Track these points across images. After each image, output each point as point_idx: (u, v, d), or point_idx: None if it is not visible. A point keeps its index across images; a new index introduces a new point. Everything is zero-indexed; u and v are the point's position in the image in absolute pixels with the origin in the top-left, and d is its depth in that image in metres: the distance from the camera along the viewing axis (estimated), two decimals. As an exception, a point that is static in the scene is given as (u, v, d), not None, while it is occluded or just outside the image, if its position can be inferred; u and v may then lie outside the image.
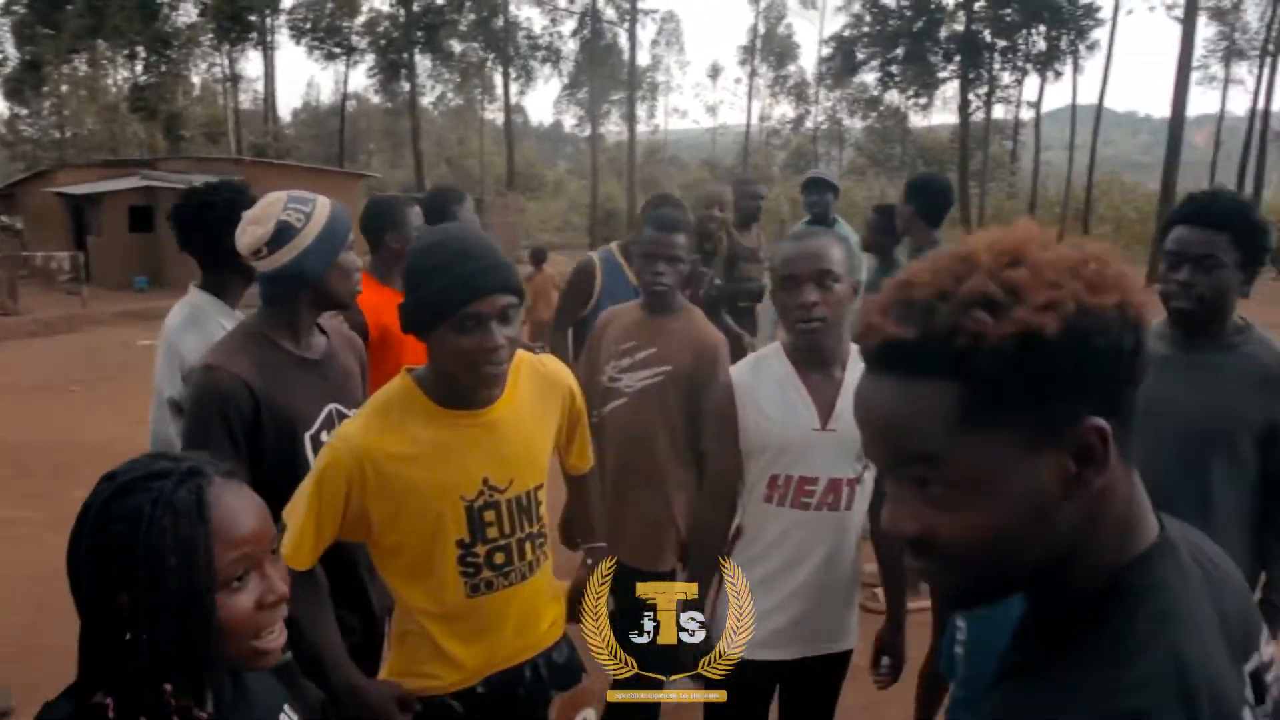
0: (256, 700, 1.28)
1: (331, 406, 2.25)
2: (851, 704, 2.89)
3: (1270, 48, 31.59)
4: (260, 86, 46.74)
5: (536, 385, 2.03)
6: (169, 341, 2.64)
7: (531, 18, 71.90)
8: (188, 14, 38.21)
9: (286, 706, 1.34)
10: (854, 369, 2.27)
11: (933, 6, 35.39)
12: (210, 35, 38.75)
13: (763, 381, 2.28)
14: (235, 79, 43.19)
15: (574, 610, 2.17)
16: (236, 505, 1.14)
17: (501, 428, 1.92)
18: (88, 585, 1.09)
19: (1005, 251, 0.80)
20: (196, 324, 2.62)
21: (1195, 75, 31.69)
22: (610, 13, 41.29)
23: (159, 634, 1.07)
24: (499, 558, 1.93)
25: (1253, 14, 35.15)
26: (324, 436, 2.11)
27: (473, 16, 39.06)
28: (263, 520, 1.17)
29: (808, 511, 2.26)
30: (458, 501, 1.88)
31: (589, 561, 2.34)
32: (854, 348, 2.31)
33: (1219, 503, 2.27)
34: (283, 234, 2.08)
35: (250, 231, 2.10)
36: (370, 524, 1.85)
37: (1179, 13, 27.62)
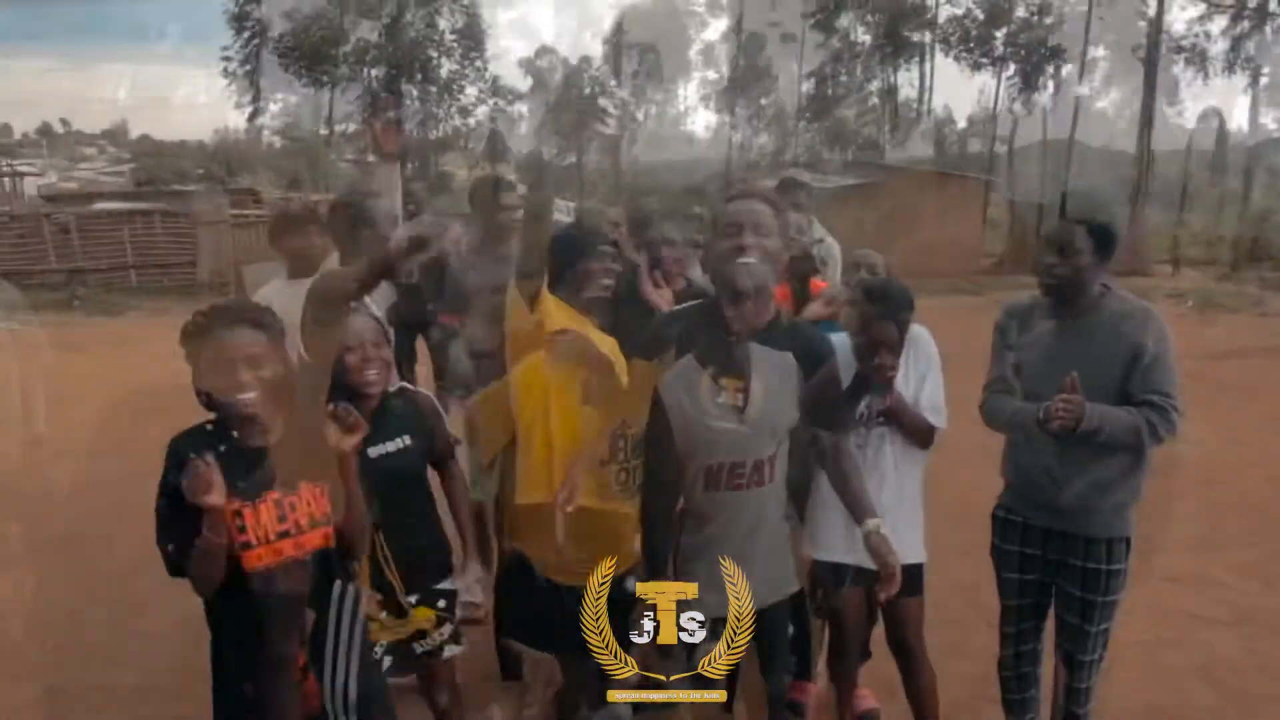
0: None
1: None
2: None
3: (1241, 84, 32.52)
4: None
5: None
6: None
7: (517, 48, 72.89)
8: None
9: (407, 435, 2.34)
10: (758, 364, 2.60)
11: (909, 41, 36.28)
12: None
13: (685, 392, 2.57)
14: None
15: None
16: (361, 324, 2.23)
17: (641, 385, 2.52)
18: None
19: None
20: None
21: (1169, 111, 32.61)
22: (596, 46, 42.09)
23: None
24: (622, 475, 2.54)
25: (1217, 51, 36.07)
26: None
27: (458, 50, 39.65)
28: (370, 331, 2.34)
29: (742, 491, 2.58)
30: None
31: None
32: (752, 347, 2.62)
33: None
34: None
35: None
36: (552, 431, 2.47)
37: (1142, 54, 28.51)
